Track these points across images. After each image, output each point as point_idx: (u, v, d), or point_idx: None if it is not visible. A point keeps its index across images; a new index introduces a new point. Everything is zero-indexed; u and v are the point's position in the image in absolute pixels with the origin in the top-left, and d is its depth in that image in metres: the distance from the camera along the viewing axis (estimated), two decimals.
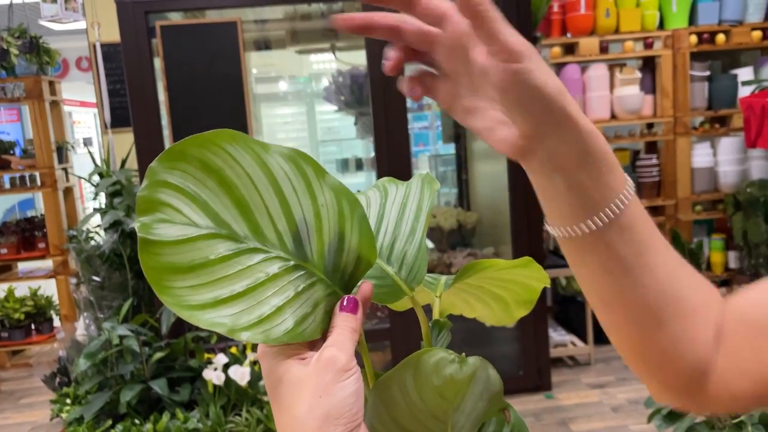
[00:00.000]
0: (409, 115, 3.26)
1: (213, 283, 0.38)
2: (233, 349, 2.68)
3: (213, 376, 2.52)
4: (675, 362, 0.51)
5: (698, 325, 0.50)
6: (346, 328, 0.40)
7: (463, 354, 0.38)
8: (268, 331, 0.38)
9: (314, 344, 0.41)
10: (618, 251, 0.46)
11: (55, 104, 4.42)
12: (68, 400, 2.78)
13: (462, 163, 4.34)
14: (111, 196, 3.14)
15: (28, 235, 4.38)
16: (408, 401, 0.39)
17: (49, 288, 4.37)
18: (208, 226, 0.39)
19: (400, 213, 0.52)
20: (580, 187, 0.44)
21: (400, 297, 0.47)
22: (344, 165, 4.76)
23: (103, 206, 3.17)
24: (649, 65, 4.42)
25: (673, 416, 1.80)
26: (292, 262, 0.40)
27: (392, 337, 3.08)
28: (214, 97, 2.89)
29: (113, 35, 3.30)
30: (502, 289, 0.56)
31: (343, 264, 0.42)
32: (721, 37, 4.27)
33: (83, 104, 8.89)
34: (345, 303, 0.41)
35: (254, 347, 2.54)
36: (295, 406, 0.37)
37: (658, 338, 0.50)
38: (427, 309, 0.50)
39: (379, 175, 3.09)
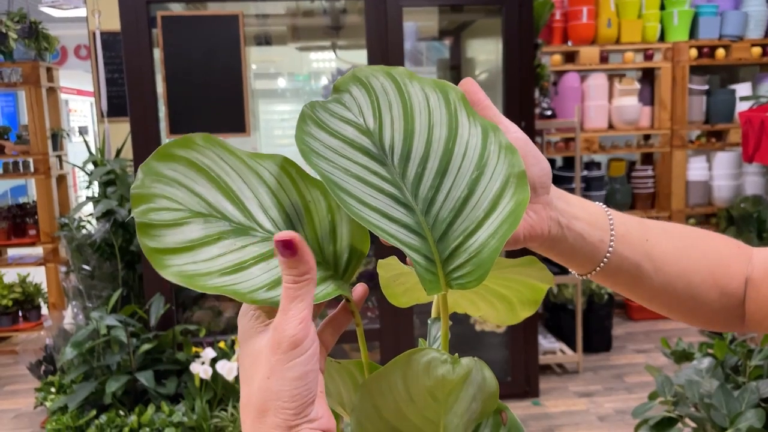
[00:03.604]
0: None
1: (213, 259, 0.39)
2: (221, 344, 2.67)
3: (200, 370, 2.50)
4: (715, 318, 0.61)
5: (730, 280, 0.59)
6: (288, 286, 0.36)
7: (456, 354, 0.37)
8: (276, 297, 0.38)
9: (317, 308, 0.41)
10: (626, 275, 0.58)
11: (52, 91, 4.39)
12: (53, 389, 2.76)
13: None
14: (104, 185, 3.11)
15: (19, 221, 4.36)
16: (398, 400, 0.38)
17: (38, 275, 4.34)
18: (203, 209, 0.40)
19: (462, 155, 0.44)
20: (580, 238, 0.56)
21: (431, 290, 0.41)
22: None
23: (96, 195, 3.15)
24: (648, 77, 4.43)
25: (660, 426, 1.79)
26: None
27: (381, 337, 3.07)
28: (212, 90, 2.88)
29: (113, 24, 3.29)
30: (507, 289, 0.55)
31: (339, 253, 0.43)
32: (720, 52, 4.29)
33: (80, 92, 8.84)
34: (279, 247, 0.35)
35: None
36: (252, 380, 0.36)
37: (694, 312, 0.60)
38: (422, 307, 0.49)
39: None
